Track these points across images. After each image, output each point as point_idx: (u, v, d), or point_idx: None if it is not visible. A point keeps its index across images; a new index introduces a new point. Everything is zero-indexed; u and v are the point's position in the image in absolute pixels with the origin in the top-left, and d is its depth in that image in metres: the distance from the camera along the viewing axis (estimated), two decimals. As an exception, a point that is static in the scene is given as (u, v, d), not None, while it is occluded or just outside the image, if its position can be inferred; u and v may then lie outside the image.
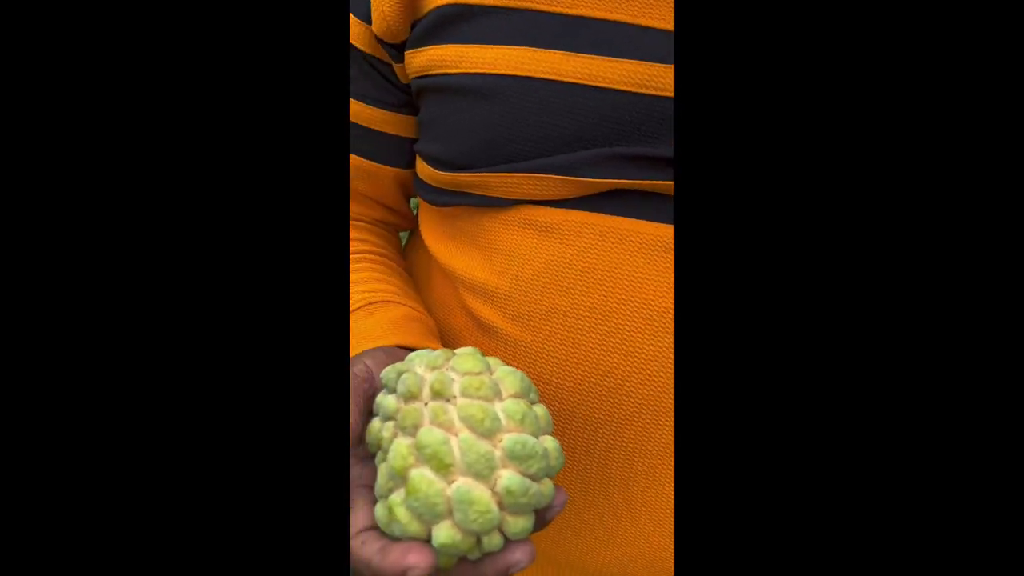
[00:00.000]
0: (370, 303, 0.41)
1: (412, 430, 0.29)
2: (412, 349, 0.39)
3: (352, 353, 0.38)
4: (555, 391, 0.40)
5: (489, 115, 0.38)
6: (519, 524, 0.29)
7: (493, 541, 0.29)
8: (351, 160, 0.46)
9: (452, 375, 0.30)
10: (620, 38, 0.36)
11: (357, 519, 0.30)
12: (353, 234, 0.48)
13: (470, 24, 0.38)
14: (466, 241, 0.42)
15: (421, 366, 0.31)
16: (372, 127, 0.46)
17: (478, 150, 0.39)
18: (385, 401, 0.31)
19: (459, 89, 0.39)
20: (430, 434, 0.28)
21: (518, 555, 0.29)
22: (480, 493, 0.28)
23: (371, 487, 0.32)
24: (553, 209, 0.39)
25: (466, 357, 0.31)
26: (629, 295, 0.38)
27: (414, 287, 0.48)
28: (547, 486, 0.30)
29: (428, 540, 0.29)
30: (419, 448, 0.28)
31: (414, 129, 0.46)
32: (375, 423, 0.32)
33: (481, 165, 0.39)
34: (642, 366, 0.38)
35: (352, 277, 0.44)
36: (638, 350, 0.38)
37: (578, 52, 0.36)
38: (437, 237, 0.45)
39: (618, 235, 0.38)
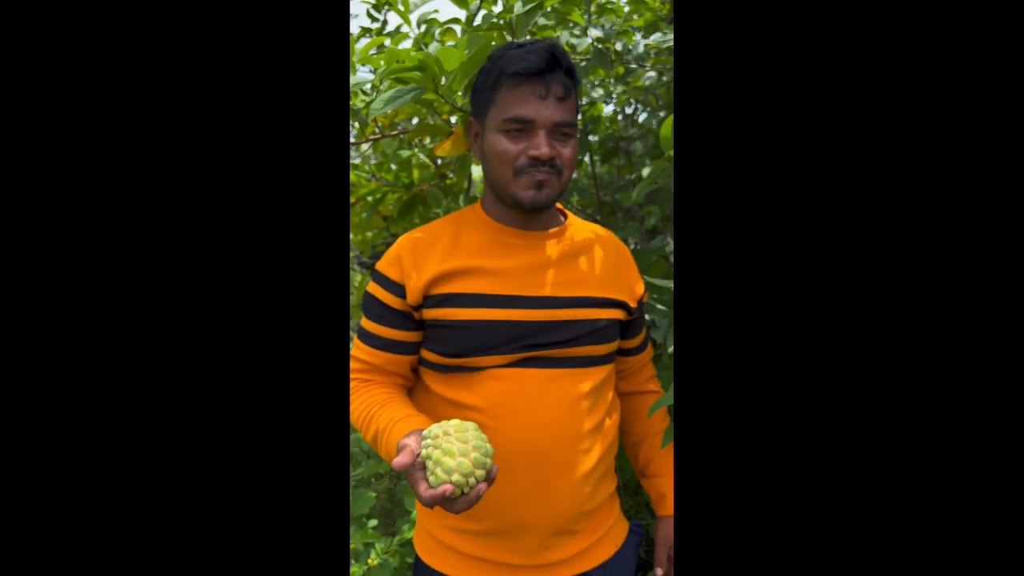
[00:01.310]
0: (408, 416, 0.82)
1: (439, 446, 0.69)
2: None
3: (402, 436, 0.78)
4: (511, 443, 0.84)
5: (468, 337, 0.85)
6: (480, 474, 0.69)
7: (470, 483, 0.68)
8: (383, 356, 0.91)
9: (451, 428, 0.71)
10: (529, 302, 0.87)
11: (423, 485, 0.69)
12: (385, 385, 0.92)
13: (455, 300, 0.86)
14: (459, 386, 0.88)
15: (439, 427, 0.71)
16: (398, 340, 0.90)
17: (467, 351, 0.86)
18: (428, 437, 0.71)
19: (452, 326, 0.86)
20: (446, 444, 0.69)
21: (481, 487, 0.69)
22: (464, 460, 0.68)
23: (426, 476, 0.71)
24: (506, 368, 0.86)
25: (456, 422, 0.72)
26: (545, 400, 0.86)
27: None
28: (489, 464, 0.70)
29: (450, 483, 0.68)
30: (443, 451, 0.68)
31: (419, 337, 0.91)
32: (424, 449, 0.70)
33: (468, 356, 0.86)
34: (555, 431, 0.86)
35: (393, 406, 0.85)
36: (553, 424, 0.86)
37: (508, 308, 0.86)
38: (440, 385, 0.90)
39: (537, 376, 0.87)
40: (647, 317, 1.05)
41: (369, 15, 1.61)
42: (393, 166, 1.22)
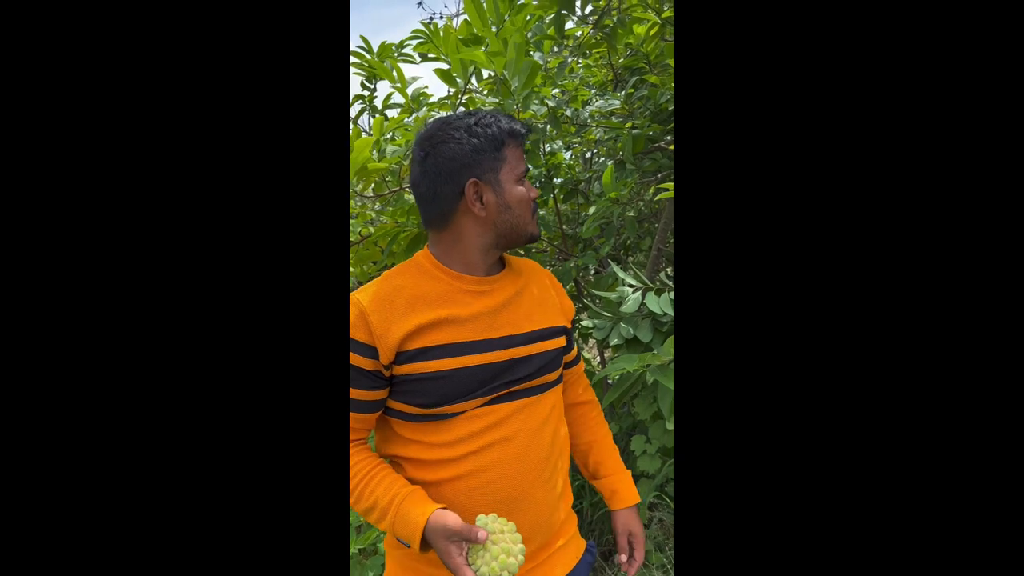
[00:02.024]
0: (411, 491, 0.90)
1: (496, 543, 0.83)
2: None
3: (429, 513, 0.85)
4: (488, 471, 0.91)
5: (445, 386, 0.90)
6: (519, 567, 0.83)
7: (513, 571, 0.83)
8: (354, 416, 0.93)
9: (505, 527, 0.85)
10: (496, 344, 0.93)
11: (469, 572, 0.81)
12: (363, 451, 0.96)
13: (429, 352, 0.90)
14: (434, 431, 0.93)
15: (493, 523, 0.85)
16: (367, 400, 0.93)
17: (443, 400, 0.90)
18: (482, 524, 0.85)
19: (428, 378, 0.90)
20: (502, 543, 0.84)
21: None
22: (514, 561, 0.83)
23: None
24: (478, 408, 0.92)
25: (503, 521, 0.86)
26: (516, 429, 0.93)
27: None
28: (523, 559, 0.84)
29: None
30: (501, 548, 0.83)
31: (386, 395, 0.94)
32: (475, 546, 0.84)
33: (444, 404, 0.91)
34: (526, 453, 0.93)
35: (384, 478, 0.91)
36: (524, 448, 0.94)
37: (479, 353, 0.92)
38: (413, 432, 0.94)
39: (507, 409, 0.94)
40: (593, 323, 1.36)
41: (363, 85, 1.95)
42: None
